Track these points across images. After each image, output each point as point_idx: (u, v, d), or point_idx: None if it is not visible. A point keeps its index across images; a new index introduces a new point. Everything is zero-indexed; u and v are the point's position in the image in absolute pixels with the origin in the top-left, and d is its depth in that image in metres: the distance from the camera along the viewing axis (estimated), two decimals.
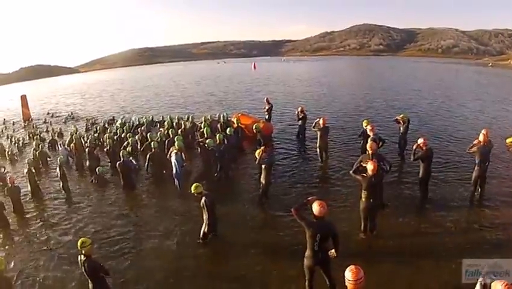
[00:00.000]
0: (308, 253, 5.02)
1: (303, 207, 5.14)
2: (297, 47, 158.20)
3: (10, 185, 9.40)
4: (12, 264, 6.97)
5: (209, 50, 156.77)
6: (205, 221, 6.93)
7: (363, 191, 6.58)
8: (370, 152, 7.57)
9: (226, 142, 10.66)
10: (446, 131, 14.82)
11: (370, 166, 6.50)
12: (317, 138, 11.35)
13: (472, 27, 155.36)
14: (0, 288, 5.24)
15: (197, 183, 6.98)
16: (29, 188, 10.40)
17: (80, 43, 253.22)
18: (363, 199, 6.61)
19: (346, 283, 3.43)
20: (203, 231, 6.99)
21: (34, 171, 10.72)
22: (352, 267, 3.47)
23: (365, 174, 6.57)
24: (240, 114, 15.73)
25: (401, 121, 10.90)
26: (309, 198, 5.16)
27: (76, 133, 15.50)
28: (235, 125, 12.99)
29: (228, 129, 11.80)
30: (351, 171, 7.01)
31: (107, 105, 29.07)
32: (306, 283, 5.18)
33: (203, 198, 6.76)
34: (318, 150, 11.30)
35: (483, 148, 7.76)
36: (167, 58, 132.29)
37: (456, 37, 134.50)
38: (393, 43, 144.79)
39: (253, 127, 11.80)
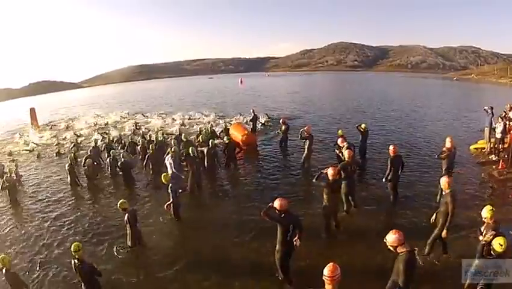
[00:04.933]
0: (278, 247, 5.24)
1: (270, 209, 5.27)
2: (280, 64, 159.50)
3: (8, 183, 10.20)
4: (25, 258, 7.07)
5: (200, 67, 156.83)
6: (128, 235, 6.91)
7: (325, 195, 6.75)
8: (347, 159, 7.77)
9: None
10: (414, 137, 15.29)
11: (330, 171, 6.71)
12: (304, 148, 11.39)
13: (439, 44, 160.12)
14: (10, 283, 5.33)
15: (123, 200, 6.97)
16: (68, 180, 11.24)
17: (82, 59, 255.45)
18: (326, 202, 6.77)
19: (324, 279, 3.45)
20: (128, 244, 6.96)
21: (73, 166, 11.41)
22: (330, 264, 3.50)
23: (328, 180, 6.74)
24: (235, 124, 16.14)
25: (362, 130, 11.10)
26: (271, 204, 5.26)
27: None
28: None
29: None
30: (314, 179, 7.16)
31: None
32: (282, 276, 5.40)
33: (127, 214, 6.76)
34: (303, 159, 11.33)
35: (452, 154, 8.02)
36: (163, 74, 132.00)
37: (424, 53, 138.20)
38: (367, 59, 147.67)
39: (225, 139, 11.87)
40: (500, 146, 11.58)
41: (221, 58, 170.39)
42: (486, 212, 4.97)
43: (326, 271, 3.45)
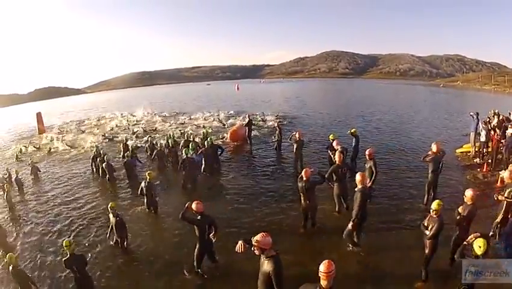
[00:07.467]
0: (199, 245, 5.71)
1: (187, 211, 5.60)
2: (275, 71, 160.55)
3: (4, 183, 10.61)
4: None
5: (199, 74, 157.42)
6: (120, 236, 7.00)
7: (300, 193, 7.04)
8: (337, 162, 7.79)
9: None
10: (404, 141, 15.37)
11: (303, 173, 6.94)
12: (293, 150, 11.46)
13: (426, 52, 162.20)
14: (18, 281, 5.34)
15: (113, 202, 7.14)
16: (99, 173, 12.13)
17: (86, 66, 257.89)
18: (302, 200, 7.06)
19: (320, 275, 3.48)
20: (122, 245, 7.01)
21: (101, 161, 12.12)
22: (325, 261, 3.54)
23: (302, 180, 6.93)
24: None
25: (352, 134, 11.15)
26: (188, 204, 5.64)
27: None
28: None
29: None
30: (298, 177, 7.31)
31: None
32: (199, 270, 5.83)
33: (116, 217, 6.79)
34: (294, 160, 11.41)
35: (437, 158, 8.09)
36: (163, 80, 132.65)
37: (412, 61, 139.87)
38: (358, 67, 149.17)
39: (208, 140, 11.95)
40: (485, 150, 11.72)
41: (219, 66, 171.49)
42: (435, 205, 5.12)
43: (322, 267, 3.48)
